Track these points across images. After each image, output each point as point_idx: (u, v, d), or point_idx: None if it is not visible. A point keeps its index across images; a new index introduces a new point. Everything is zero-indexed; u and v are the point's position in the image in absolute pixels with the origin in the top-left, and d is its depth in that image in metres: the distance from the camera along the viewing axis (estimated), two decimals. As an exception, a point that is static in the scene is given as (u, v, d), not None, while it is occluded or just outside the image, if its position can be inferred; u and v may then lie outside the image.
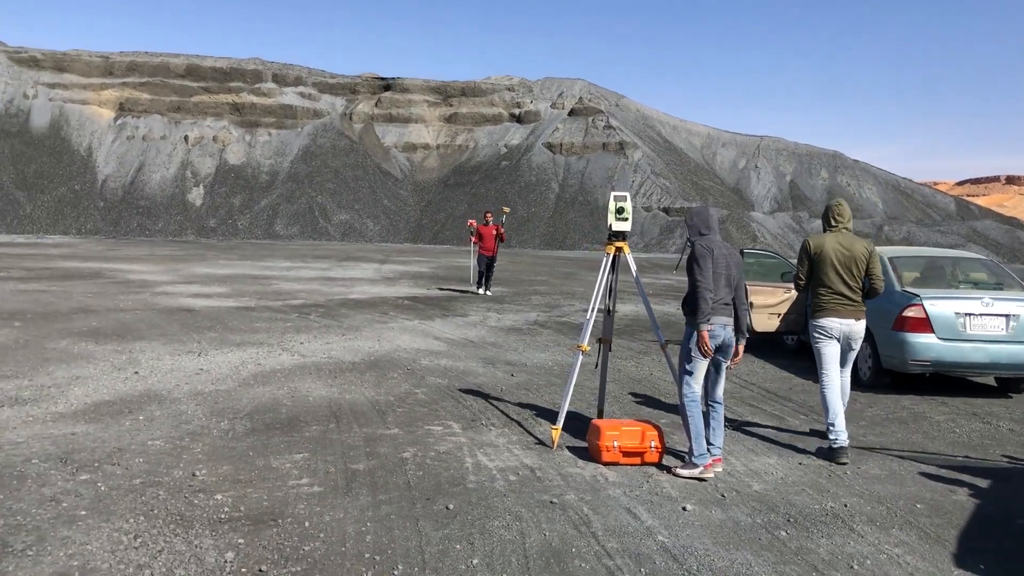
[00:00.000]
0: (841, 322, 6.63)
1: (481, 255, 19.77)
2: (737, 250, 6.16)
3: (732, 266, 5.94)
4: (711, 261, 5.79)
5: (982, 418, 7.97)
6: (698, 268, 5.78)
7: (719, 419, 6.01)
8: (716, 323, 5.80)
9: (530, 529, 4.61)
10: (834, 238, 6.75)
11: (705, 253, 5.81)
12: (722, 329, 5.84)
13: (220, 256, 35.84)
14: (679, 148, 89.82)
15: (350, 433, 6.56)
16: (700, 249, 5.85)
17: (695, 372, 5.85)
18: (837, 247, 6.69)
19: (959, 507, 5.31)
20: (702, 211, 6.16)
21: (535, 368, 9.87)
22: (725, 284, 5.87)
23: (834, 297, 6.64)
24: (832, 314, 6.64)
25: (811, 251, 6.76)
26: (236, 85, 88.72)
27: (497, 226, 19.77)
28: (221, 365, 9.30)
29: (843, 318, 6.63)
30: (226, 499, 4.92)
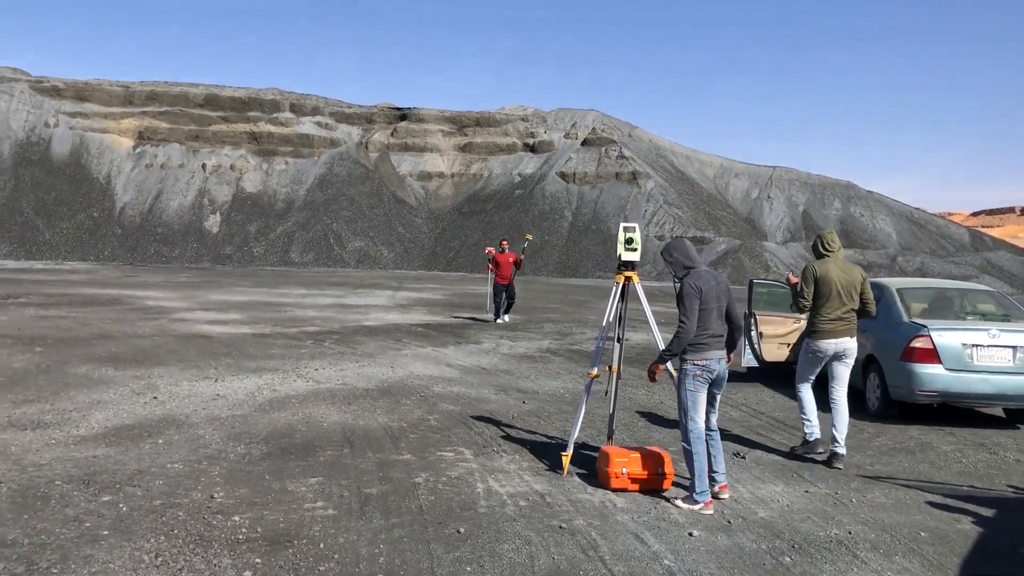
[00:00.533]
0: (836, 342, 7.30)
1: (498, 284, 19.77)
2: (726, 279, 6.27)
3: (722, 296, 6.03)
4: (699, 300, 5.82)
5: (989, 448, 8.03)
6: (683, 309, 5.81)
7: (718, 447, 6.11)
8: (712, 357, 5.88)
9: (539, 552, 4.72)
10: (834, 264, 7.37)
11: (693, 293, 5.82)
12: (717, 364, 5.93)
13: (236, 283, 36.17)
14: (691, 178, 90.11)
15: (364, 458, 6.69)
16: (688, 289, 5.85)
17: (696, 405, 5.91)
18: (840, 273, 7.32)
19: (963, 535, 5.39)
20: (679, 245, 6.14)
21: (546, 396, 9.99)
22: (717, 316, 5.95)
23: (833, 320, 7.26)
24: (830, 336, 7.29)
25: (816, 276, 7.29)
26: (254, 115, 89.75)
27: (513, 253, 19.82)
28: (237, 391, 9.47)
29: (839, 338, 7.29)
30: (243, 520, 5.06)
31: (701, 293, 5.87)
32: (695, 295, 5.84)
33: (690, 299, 5.84)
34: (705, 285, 5.91)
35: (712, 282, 5.99)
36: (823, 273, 7.27)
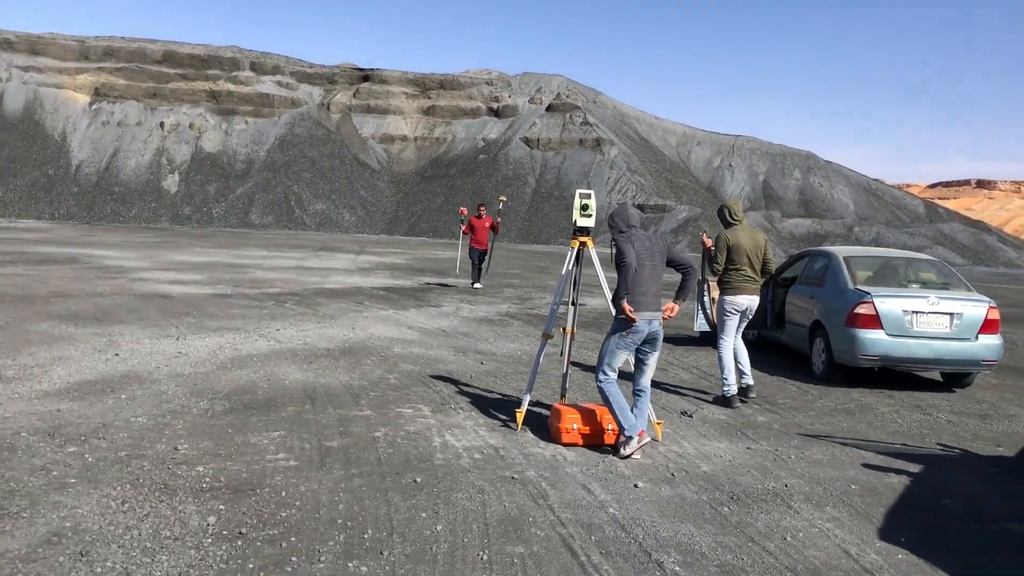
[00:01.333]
0: (748, 298, 8.38)
1: (472, 248, 19.33)
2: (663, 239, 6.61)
3: (657, 256, 6.34)
4: (632, 249, 6.17)
5: (924, 410, 8.43)
6: (621, 255, 6.17)
7: (642, 406, 6.40)
8: (643, 317, 6.18)
9: (491, 501, 4.97)
10: (742, 232, 8.47)
11: (624, 241, 6.21)
12: (647, 324, 6.21)
13: (195, 244, 35.87)
14: (655, 146, 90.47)
15: (325, 414, 6.89)
16: (621, 241, 6.24)
17: (614, 360, 6.29)
18: (747, 239, 8.39)
19: (890, 489, 5.73)
20: (621, 210, 6.48)
21: (504, 357, 10.24)
22: (651, 278, 6.25)
23: (745, 280, 8.31)
24: (743, 292, 8.32)
25: (729, 243, 8.35)
26: (213, 72, 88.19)
27: (490, 218, 19.35)
28: (199, 349, 9.59)
29: (750, 295, 8.38)
30: (207, 471, 5.24)
31: (632, 244, 6.19)
32: (629, 242, 6.20)
33: (624, 244, 6.17)
34: (638, 243, 6.23)
35: (647, 243, 6.30)
36: (735, 240, 8.38)
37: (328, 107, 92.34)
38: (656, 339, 6.35)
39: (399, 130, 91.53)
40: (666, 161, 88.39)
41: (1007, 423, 8.05)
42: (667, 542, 4.51)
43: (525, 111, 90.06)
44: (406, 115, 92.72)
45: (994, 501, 5.60)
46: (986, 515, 5.29)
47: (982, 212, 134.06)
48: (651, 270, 6.26)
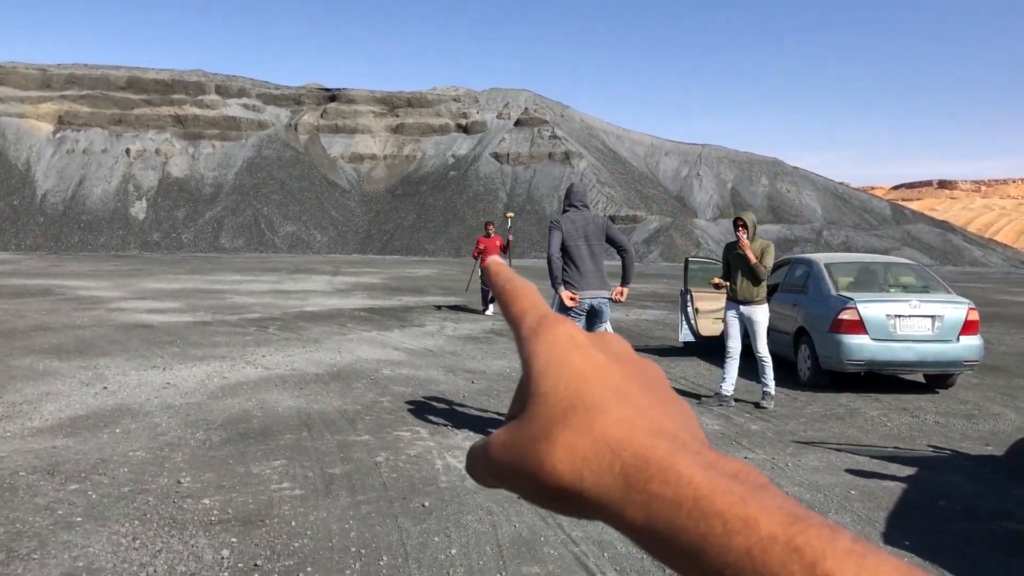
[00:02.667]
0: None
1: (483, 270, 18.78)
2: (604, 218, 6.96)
3: (592, 235, 6.58)
4: (560, 233, 6.50)
5: (911, 412, 8.58)
6: (548, 242, 6.59)
7: None
8: (585, 296, 6.48)
9: (501, 522, 5.01)
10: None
11: (554, 227, 6.56)
12: (588, 301, 6.51)
13: (167, 271, 35.60)
14: (623, 157, 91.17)
15: (323, 440, 6.88)
16: (551, 225, 6.62)
17: None
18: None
19: (888, 492, 5.83)
20: (569, 187, 6.94)
21: (494, 375, 10.27)
22: (588, 256, 6.53)
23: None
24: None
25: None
26: (178, 97, 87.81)
27: (499, 236, 18.10)
28: (187, 379, 9.53)
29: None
30: (214, 503, 5.23)
31: (561, 229, 6.52)
32: (556, 228, 6.57)
33: (552, 231, 6.59)
34: (567, 224, 6.54)
35: (580, 222, 6.58)
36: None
37: (296, 128, 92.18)
38: (602, 312, 6.64)
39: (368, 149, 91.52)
40: (635, 172, 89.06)
41: (993, 422, 8.21)
42: (679, 556, 4.56)
43: (494, 126, 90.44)
44: (375, 134, 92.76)
45: (989, 500, 5.71)
46: (983, 514, 5.40)
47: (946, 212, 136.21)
48: (587, 250, 6.56)
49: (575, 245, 6.52)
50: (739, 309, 8.74)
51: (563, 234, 6.55)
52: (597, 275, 6.59)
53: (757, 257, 8.49)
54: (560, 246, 6.61)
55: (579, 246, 6.53)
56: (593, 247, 6.57)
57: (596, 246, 6.59)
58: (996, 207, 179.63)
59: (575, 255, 6.52)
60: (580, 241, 6.54)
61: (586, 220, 6.66)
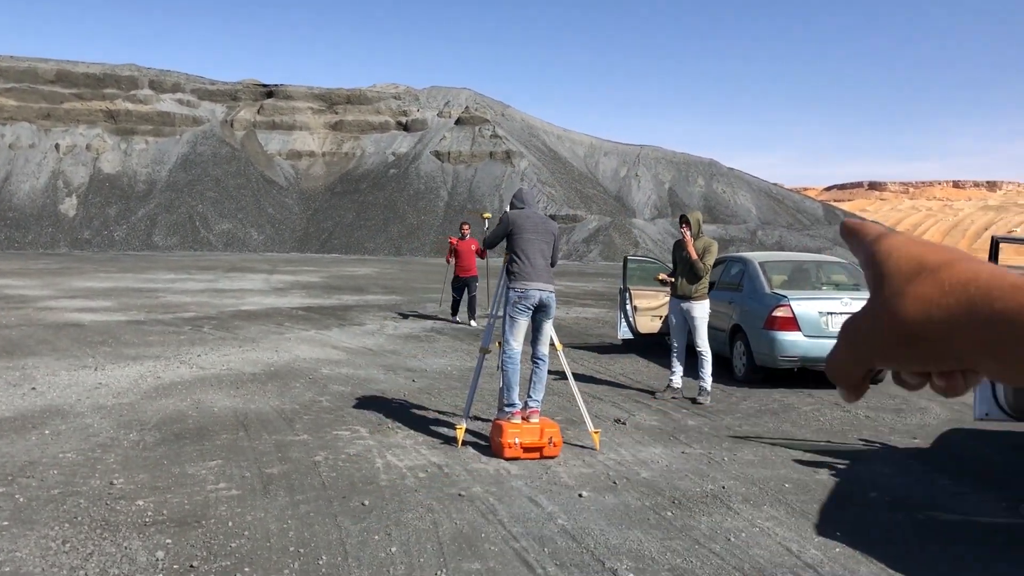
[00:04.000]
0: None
1: (458, 277, 15.72)
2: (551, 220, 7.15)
3: (544, 234, 6.79)
4: (509, 226, 6.74)
5: (843, 407, 8.79)
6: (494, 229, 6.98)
7: (540, 375, 6.79)
8: (531, 287, 6.65)
9: (442, 519, 5.00)
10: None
11: (505, 219, 6.81)
12: (537, 292, 6.66)
13: (99, 269, 34.67)
14: (563, 157, 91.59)
15: (260, 440, 6.79)
16: (502, 215, 6.89)
17: (514, 330, 6.74)
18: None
19: (821, 485, 5.98)
20: (518, 192, 7.19)
21: (435, 374, 10.24)
22: (539, 253, 6.72)
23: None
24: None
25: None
26: (110, 92, 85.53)
27: (475, 240, 15.43)
28: (120, 379, 9.31)
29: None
30: (148, 504, 5.12)
31: (513, 223, 6.73)
32: (504, 219, 6.82)
33: (500, 222, 6.88)
34: (521, 219, 6.76)
35: (535, 220, 6.82)
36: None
37: (232, 124, 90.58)
38: (548, 307, 6.77)
39: (306, 146, 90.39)
40: (575, 172, 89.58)
41: (920, 416, 8.47)
42: (618, 549, 4.62)
43: (434, 125, 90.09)
44: (313, 130, 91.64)
45: (917, 491, 5.89)
46: (912, 505, 5.56)
47: (875, 213, 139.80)
48: (539, 245, 6.74)
49: (527, 238, 6.68)
50: (679, 304, 8.92)
51: (514, 227, 6.70)
52: (546, 270, 6.75)
53: (700, 254, 8.73)
54: (506, 236, 6.79)
55: (531, 239, 6.69)
56: (544, 245, 6.76)
57: (547, 245, 6.79)
58: (923, 208, 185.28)
59: (527, 248, 6.67)
60: (534, 236, 6.71)
61: (541, 219, 6.86)
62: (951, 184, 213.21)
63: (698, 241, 8.91)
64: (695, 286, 8.83)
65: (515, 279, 6.68)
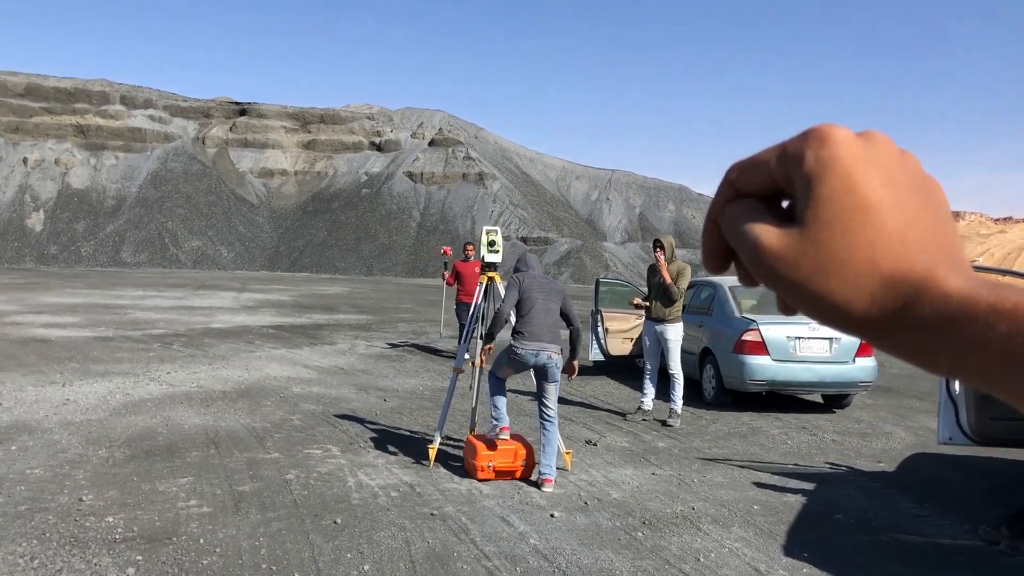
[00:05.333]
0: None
1: (461, 302, 13.61)
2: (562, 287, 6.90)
3: (550, 295, 6.57)
4: (517, 290, 6.48)
5: (810, 431, 8.92)
6: (505, 296, 6.55)
7: (548, 436, 6.46)
8: (528, 347, 6.42)
9: (414, 538, 5.01)
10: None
11: (513, 283, 6.55)
12: (534, 356, 6.41)
13: (65, 284, 34.26)
14: (535, 180, 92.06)
15: (231, 458, 6.76)
16: (511, 280, 6.60)
17: (500, 368, 6.63)
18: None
19: (788, 507, 6.06)
20: (522, 256, 6.97)
21: (406, 393, 10.25)
22: (543, 312, 6.48)
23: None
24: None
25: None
26: (81, 106, 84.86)
27: (477, 262, 13.05)
28: (88, 395, 9.22)
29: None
30: (117, 521, 5.08)
31: (520, 284, 6.51)
32: (515, 285, 6.53)
33: (510, 288, 6.53)
34: (527, 280, 6.55)
35: (540, 280, 6.61)
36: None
37: (204, 141, 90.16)
38: (547, 370, 6.49)
39: (278, 164, 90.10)
40: (547, 195, 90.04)
41: (885, 440, 8.61)
42: (589, 569, 4.66)
43: (407, 146, 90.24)
44: (285, 149, 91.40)
45: (882, 514, 5.99)
46: (876, 527, 5.66)
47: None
48: (544, 304, 6.49)
49: (533, 297, 6.47)
50: (654, 327, 9.04)
51: (520, 289, 6.49)
52: (550, 330, 6.49)
53: (673, 278, 8.87)
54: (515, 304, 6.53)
55: (537, 300, 6.48)
56: (550, 304, 6.53)
57: (553, 304, 6.55)
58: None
59: (530, 311, 6.45)
60: (538, 295, 6.49)
61: (547, 281, 6.67)
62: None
63: (672, 265, 9.04)
64: (670, 309, 8.96)
65: (517, 338, 6.45)
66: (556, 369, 6.52)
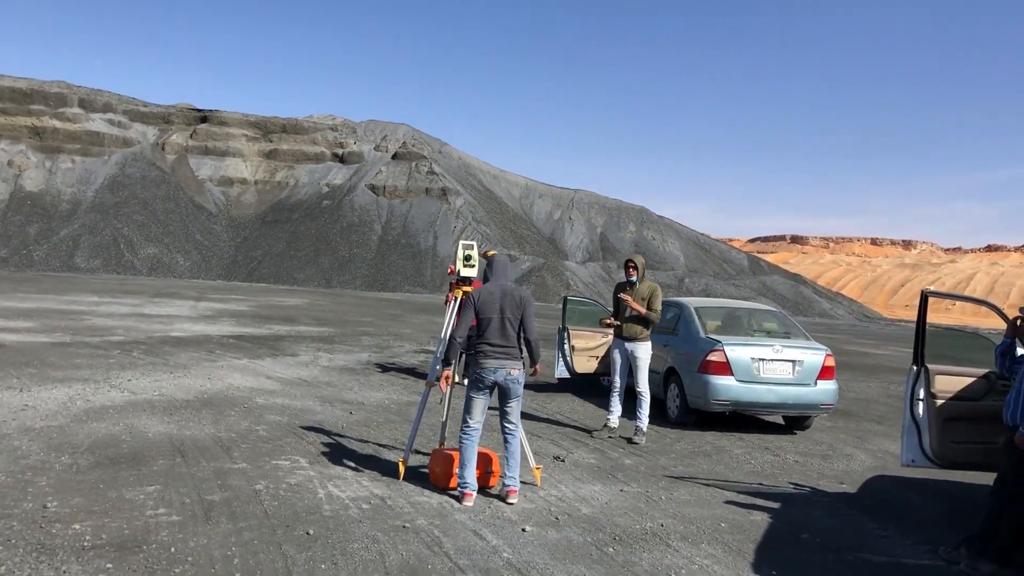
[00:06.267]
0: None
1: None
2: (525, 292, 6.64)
3: (508, 308, 6.36)
4: (472, 309, 6.35)
5: (773, 451, 9.04)
6: (458, 316, 6.42)
7: (511, 448, 6.45)
8: (487, 366, 6.32)
9: (388, 550, 5.00)
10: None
11: (467, 303, 6.42)
12: (493, 373, 6.33)
13: (16, 289, 33.56)
14: (499, 197, 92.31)
15: (198, 467, 6.68)
16: (465, 299, 6.44)
17: (470, 409, 6.42)
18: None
19: (755, 525, 6.15)
20: (492, 260, 6.72)
21: (372, 407, 10.20)
22: (498, 328, 6.34)
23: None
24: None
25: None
26: (36, 108, 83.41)
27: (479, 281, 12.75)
28: (48, 401, 9.05)
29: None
30: (85, 528, 5.00)
31: (475, 302, 6.37)
32: (469, 305, 6.39)
33: (465, 308, 6.41)
34: (483, 297, 6.38)
35: (497, 294, 6.40)
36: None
37: (163, 147, 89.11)
38: (507, 389, 6.41)
39: (238, 173, 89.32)
40: (510, 212, 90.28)
41: (846, 462, 8.76)
42: (563, 583, 4.68)
43: (371, 158, 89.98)
44: (246, 158, 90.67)
45: (847, 533, 6.10)
46: (841, 547, 5.76)
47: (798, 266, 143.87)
48: (498, 322, 6.34)
49: (487, 318, 6.31)
50: (624, 345, 9.13)
51: (476, 306, 6.34)
52: (507, 348, 6.35)
53: (645, 298, 9.05)
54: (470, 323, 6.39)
55: (490, 319, 6.32)
56: (505, 320, 6.34)
57: (509, 319, 6.35)
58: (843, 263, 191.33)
59: (485, 328, 6.31)
60: (493, 315, 6.32)
61: (503, 292, 6.41)
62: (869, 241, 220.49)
63: (643, 285, 9.17)
64: (640, 328, 9.09)
65: (476, 356, 6.35)
66: (516, 385, 6.44)
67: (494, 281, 6.55)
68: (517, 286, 6.70)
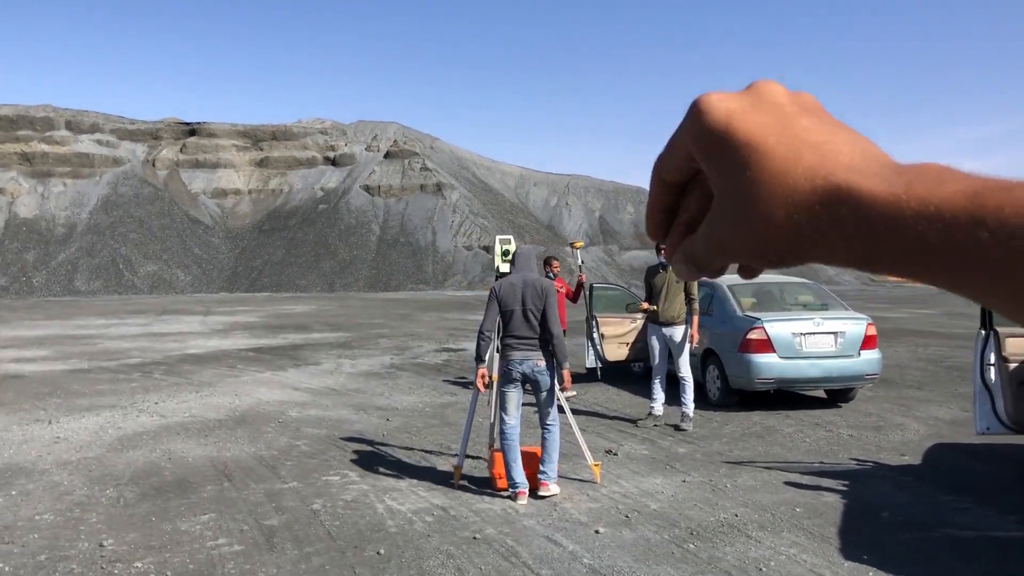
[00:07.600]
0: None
1: None
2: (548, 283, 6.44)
3: (530, 300, 6.25)
4: (496, 301, 6.27)
5: (824, 427, 8.83)
6: (485, 313, 6.33)
7: (549, 443, 6.29)
8: (514, 358, 6.21)
9: (465, 565, 4.79)
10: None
11: (490, 296, 6.34)
12: (519, 365, 6.22)
13: (23, 317, 33.32)
14: (494, 188, 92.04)
15: (248, 490, 6.47)
16: (490, 293, 6.37)
17: (504, 404, 6.29)
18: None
19: (830, 507, 5.94)
20: (518, 251, 6.61)
21: (408, 411, 9.99)
22: (522, 320, 6.23)
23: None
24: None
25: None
26: (24, 133, 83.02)
27: (562, 280, 11.52)
28: (79, 432, 8.84)
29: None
30: (148, 566, 4.79)
31: (497, 295, 6.28)
32: (492, 298, 6.32)
33: (489, 303, 6.34)
34: (504, 289, 6.29)
35: (518, 285, 6.29)
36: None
37: (154, 164, 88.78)
38: (536, 381, 6.30)
39: (232, 183, 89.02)
40: (506, 202, 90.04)
41: (900, 433, 8.55)
42: (653, 587, 4.47)
43: (363, 159, 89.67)
44: (238, 168, 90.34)
45: (923, 508, 5.90)
46: (923, 523, 5.56)
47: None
48: (521, 314, 6.26)
49: (508, 311, 6.26)
50: (661, 331, 8.90)
51: (498, 299, 6.27)
52: (530, 339, 6.25)
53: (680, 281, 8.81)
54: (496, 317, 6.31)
55: (512, 311, 6.25)
56: (528, 311, 6.23)
57: (532, 311, 6.24)
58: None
59: (508, 320, 6.25)
60: (515, 306, 6.25)
61: (525, 284, 6.30)
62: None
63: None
64: (678, 311, 8.86)
65: (503, 350, 6.30)
66: (544, 377, 6.30)
67: (516, 273, 6.44)
68: (540, 277, 6.52)
